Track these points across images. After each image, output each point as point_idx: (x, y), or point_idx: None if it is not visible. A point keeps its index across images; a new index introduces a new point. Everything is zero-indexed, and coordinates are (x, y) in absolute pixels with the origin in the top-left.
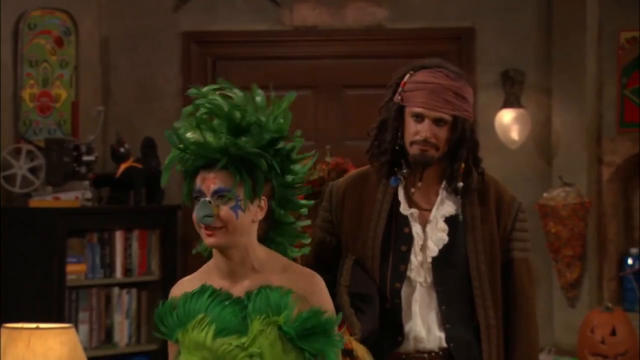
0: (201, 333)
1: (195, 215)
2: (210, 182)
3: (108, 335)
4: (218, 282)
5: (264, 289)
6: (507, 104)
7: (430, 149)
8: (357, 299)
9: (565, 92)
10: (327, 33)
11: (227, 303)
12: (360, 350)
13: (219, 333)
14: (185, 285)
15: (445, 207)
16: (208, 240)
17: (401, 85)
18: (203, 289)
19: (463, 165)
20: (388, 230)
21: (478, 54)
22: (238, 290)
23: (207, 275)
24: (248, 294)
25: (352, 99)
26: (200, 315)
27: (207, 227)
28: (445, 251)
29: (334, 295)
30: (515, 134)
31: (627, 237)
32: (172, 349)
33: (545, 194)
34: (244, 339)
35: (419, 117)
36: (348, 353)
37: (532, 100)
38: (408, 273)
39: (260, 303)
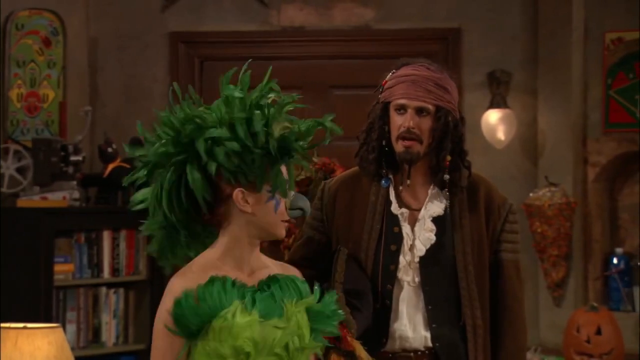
0: (247, 317)
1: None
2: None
3: (95, 335)
4: (231, 275)
5: (281, 277)
6: (493, 105)
7: (415, 144)
8: (352, 295)
9: (551, 93)
10: (314, 33)
11: (251, 291)
12: (359, 349)
13: (262, 317)
14: (188, 282)
15: (433, 207)
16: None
17: (383, 85)
18: (224, 280)
19: (449, 158)
20: (380, 231)
21: (464, 54)
22: (250, 281)
23: (213, 270)
24: (261, 283)
25: (340, 99)
26: (237, 302)
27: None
28: (432, 251)
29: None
30: (501, 134)
31: (613, 236)
32: (176, 345)
33: (531, 194)
34: (283, 321)
35: (402, 109)
36: (349, 354)
37: (518, 100)
38: (397, 273)
39: (287, 288)
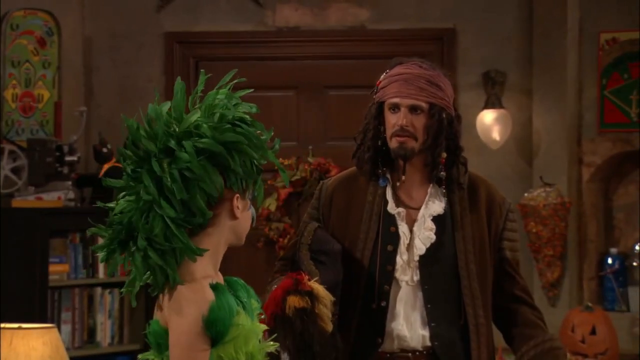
0: (252, 323)
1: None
2: None
3: (91, 335)
4: (215, 280)
5: (231, 280)
6: (488, 105)
7: (409, 140)
8: (316, 253)
9: (545, 93)
10: (309, 34)
11: (234, 296)
12: (316, 288)
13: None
14: (205, 289)
15: (434, 206)
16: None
17: (377, 85)
18: (222, 287)
19: (445, 155)
20: (377, 231)
21: (459, 55)
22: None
23: (209, 277)
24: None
25: (335, 100)
26: (238, 307)
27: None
28: (432, 250)
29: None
30: (496, 135)
31: (607, 237)
32: (207, 355)
33: (526, 194)
34: (257, 325)
35: (396, 108)
36: (307, 293)
37: (513, 101)
38: (394, 273)
39: (242, 291)
